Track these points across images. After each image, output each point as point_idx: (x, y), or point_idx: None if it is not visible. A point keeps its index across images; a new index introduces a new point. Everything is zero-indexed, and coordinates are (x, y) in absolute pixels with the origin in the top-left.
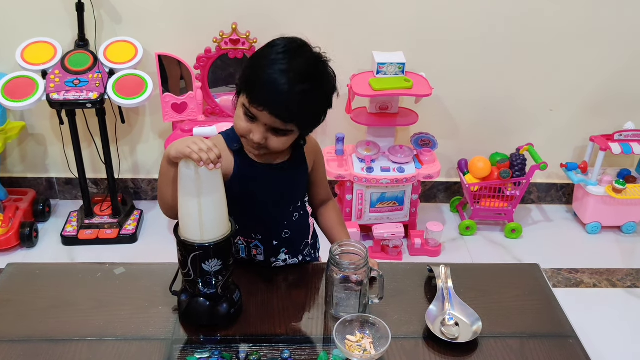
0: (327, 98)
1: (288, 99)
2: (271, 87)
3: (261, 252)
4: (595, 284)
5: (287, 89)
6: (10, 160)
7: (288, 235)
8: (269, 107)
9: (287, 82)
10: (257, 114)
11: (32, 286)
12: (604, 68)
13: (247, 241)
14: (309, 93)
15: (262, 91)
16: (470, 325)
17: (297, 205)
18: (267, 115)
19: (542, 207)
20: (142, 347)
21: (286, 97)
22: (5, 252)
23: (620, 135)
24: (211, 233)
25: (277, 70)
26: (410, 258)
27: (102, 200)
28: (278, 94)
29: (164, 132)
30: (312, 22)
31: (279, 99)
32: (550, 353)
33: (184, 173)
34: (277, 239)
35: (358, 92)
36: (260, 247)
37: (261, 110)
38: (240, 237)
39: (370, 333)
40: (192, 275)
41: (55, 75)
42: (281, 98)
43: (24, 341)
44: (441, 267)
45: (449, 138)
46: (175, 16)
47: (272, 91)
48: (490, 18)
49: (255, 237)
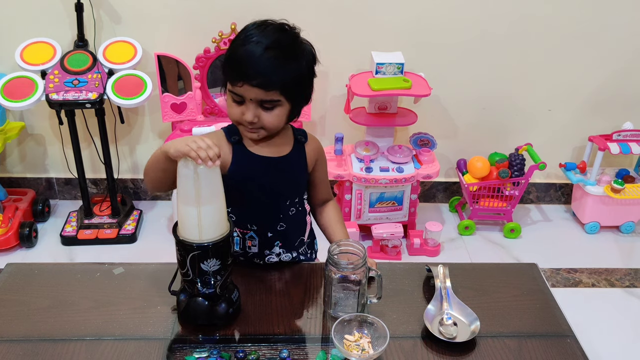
0: (305, 64)
1: (262, 65)
2: (244, 59)
3: (255, 244)
4: (594, 283)
5: (259, 56)
6: (10, 161)
7: (283, 229)
8: (246, 78)
9: (258, 50)
10: (240, 91)
11: (31, 286)
12: (602, 68)
13: (242, 232)
14: (282, 57)
15: (238, 66)
16: (468, 324)
17: (295, 201)
18: (249, 88)
19: (541, 206)
20: (140, 347)
21: (259, 64)
22: (5, 252)
23: (619, 135)
24: (210, 233)
25: (248, 44)
26: (409, 258)
27: (101, 200)
28: (252, 64)
29: (163, 132)
30: (311, 22)
31: (254, 68)
32: (548, 353)
33: (183, 173)
34: (271, 231)
35: (357, 92)
36: (255, 238)
37: (241, 85)
38: (236, 229)
39: (368, 332)
40: (190, 275)
41: (54, 75)
42: (256, 67)
43: (23, 341)
44: (439, 267)
45: (447, 138)
46: (175, 16)
47: (246, 62)
48: (489, 18)
49: (251, 227)
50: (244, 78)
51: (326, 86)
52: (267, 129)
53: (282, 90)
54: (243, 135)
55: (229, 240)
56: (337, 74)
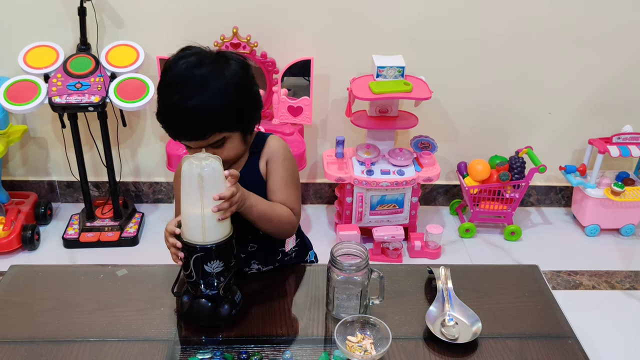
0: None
1: (189, 122)
2: (171, 121)
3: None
4: (595, 286)
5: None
6: (12, 164)
7: (255, 249)
8: (180, 137)
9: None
10: (183, 143)
11: (35, 288)
12: (602, 71)
13: None
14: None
15: (168, 128)
16: (470, 326)
17: None
18: (187, 142)
19: (541, 209)
20: (144, 348)
21: (186, 122)
22: (7, 255)
23: (619, 138)
24: (213, 235)
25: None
26: (410, 260)
27: (103, 203)
28: (179, 124)
29: (165, 136)
30: (313, 26)
31: (182, 127)
32: (550, 354)
33: (187, 174)
34: (243, 252)
35: (358, 95)
36: None
37: (183, 142)
38: None
39: (370, 334)
40: (194, 277)
41: (57, 78)
42: (184, 126)
43: (27, 342)
44: (441, 269)
45: (448, 141)
46: (177, 20)
47: (174, 124)
48: (489, 22)
49: None
50: (178, 138)
51: (327, 89)
52: (229, 161)
53: (219, 129)
54: None
55: (232, 242)
56: (338, 78)
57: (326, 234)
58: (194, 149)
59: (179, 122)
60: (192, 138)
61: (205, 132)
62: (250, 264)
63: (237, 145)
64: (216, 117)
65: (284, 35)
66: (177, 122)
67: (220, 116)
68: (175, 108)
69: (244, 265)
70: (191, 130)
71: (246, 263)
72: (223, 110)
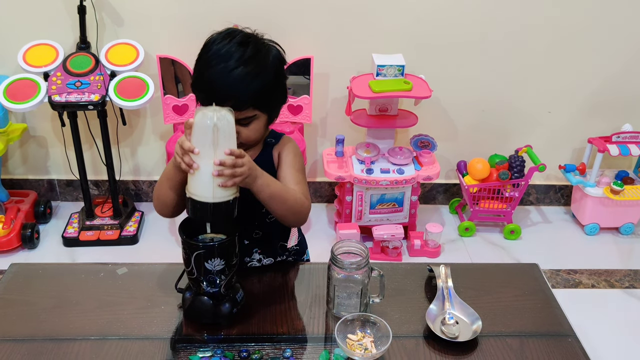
0: (273, 71)
1: (230, 87)
2: (212, 83)
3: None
4: (594, 284)
5: (225, 77)
6: (12, 162)
7: (259, 236)
8: (217, 101)
9: (224, 72)
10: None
11: (35, 286)
12: (602, 70)
13: None
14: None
15: (207, 90)
16: (470, 324)
17: None
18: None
19: (541, 208)
20: (145, 346)
21: (227, 85)
22: (7, 254)
23: (618, 137)
24: (222, 193)
25: (213, 67)
26: (410, 259)
27: (103, 201)
28: (220, 87)
29: (164, 134)
30: (312, 25)
31: (223, 90)
32: (550, 352)
33: (199, 125)
34: (247, 238)
35: (358, 94)
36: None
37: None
38: None
39: (371, 332)
40: (195, 274)
41: (57, 77)
42: (224, 89)
43: (28, 340)
44: (441, 267)
45: (448, 140)
46: (176, 19)
47: (214, 86)
48: (489, 21)
49: None
50: (215, 102)
51: (327, 88)
52: (247, 143)
53: (255, 105)
54: None
55: (234, 241)
56: (338, 76)
57: (326, 233)
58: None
59: (221, 90)
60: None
61: (243, 103)
62: (252, 253)
63: (260, 128)
64: (256, 92)
65: (284, 33)
66: (219, 89)
67: (260, 91)
68: (220, 75)
69: (246, 255)
70: (232, 96)
71: (248, 252)
72: (264, 87)
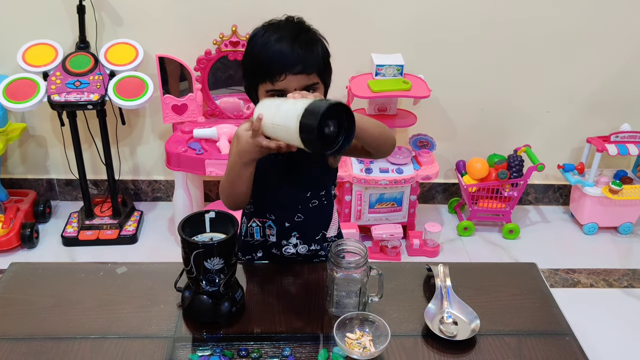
0: (323, 41)
1: (297, 53)
2: (279, 54)
3: (274, 233)
4: (592, 284)
5: (291, 46)
6: (11, 162)
7: (300, 220)
8: (288, 69)
9: (286, 43)
10: (283, 84)
11: (35, 285)
12: (600, 70)
13: (261, 221)
14: (309, 42)
15: (275, 62)
16: (469, 323)
17: (319, 194)
18: (292, 77)
19: (540, 208)
20: (144, 345)
21: (294, 52)
22: (6, 253)
23: (617, 136)
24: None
25: (275, 42)
26: (409, 258)
27: (102, 201)
28: (288, 55)
29: (164, 134)
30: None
31: (292, 57)
32: (548, 350)
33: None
34: (289, 221)
35: (357, 93)
36: (273, 227)
37: (283, 78)
38: (255, 219)
39: (369, 331)
40: (194, 273)
41: (56, 77)
42: (293, 56)
43: (28, 339)
44: (440, 266)
45: (447, 139)
46: (176, 18)
47: (282, 55)
48: (488, 20)
49: (269, 217)
50: (285, 70)
51: None
52: None
53: (319, 72)
54: None
55: (234, 240)
56: (337, 76)
57: None
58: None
59: (290, 52)
60: (300, 70)
61: (312, 66)
62: (290, 237)
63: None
64: (319, 55)
65: None
66: (288, 52)
67: (322, 58)
68: (284, 43)
69: (284, 238)
70: (301, 61)
71: (286, 235)
72: (323, 54)
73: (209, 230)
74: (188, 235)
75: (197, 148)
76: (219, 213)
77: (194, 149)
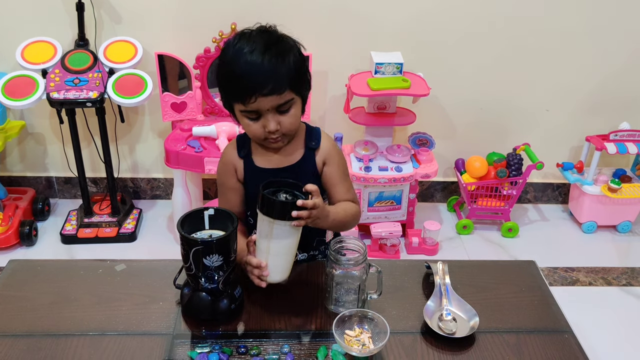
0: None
1: (267, 72)
2: (248, 73)
3: None
4: (591, 282)
5: (260, 64)
6: (10, 159)
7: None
8: (258, 90)
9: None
10: (255, 106)
11: (34, 282)
12: (600, 68)
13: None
14: (280, 56)
15: (245, 82)
16: (468, 320)
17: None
18: (263, 99)
19: (539, 206)
20: (143, 342)
21: (264, 71)
22: (5, 251)
23: (616, 135)
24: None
25: (244, 57)
26: (408, 257)
27: (101, 199)
28: (257, 74)
29: (163, 132)
30: (311, 23)
31: (261, 77)
32: (546, 348)
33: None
34: None
35: (356, 91)
36: None
37: (254, 100)
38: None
39: (368, 328)
40: (193, 270)
41: (55, 74)
42: (262, 75)
43: (26, 336)
44: (439, 264)
45: (446, 138)
46: (175, 16)
47: (251, 75)
48: (487, 19)
49: None
50: (255, 91)
51: (326, 86)
52: (289, 133)
53: (292, 87)
54: (253, 148)
55: (233, 237)
56: (337, 74)
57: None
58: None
59: (259, 74)
60: (271, 90)
61: (283, 83)
62: None
63: (298, 113)
64: (290, 70)
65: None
66: (257, 74)
67: (294, 70)
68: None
69: None
70: (272, 80)
71: None
72: (296, 64)
73: (208, 227)
74: (187, 232)
75: (196, 146)
76: (218, 210)
77: (193, 147)
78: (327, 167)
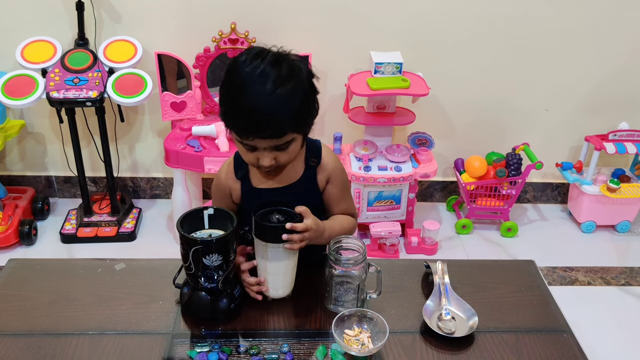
0: (308, 86)
1: (269, 116)
2: (249, 113)
3: None
4: (590, 282)
5: (263, 106)
6: (10, 159)
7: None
8: (257, 134)
9: (260, 99)
10: (252, 143)
11: (34, 281)
12: (599, 68)
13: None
14: (285, 97)
15: (244, 121)
16: (467, 320)
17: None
18: (260, 140)
19: (538, 206)
20: (142, 341)
21: (266, 114)
22: (5, 250)
23: (615, 135)
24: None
25: (248, 94)
26: (407, 256)
27: (101, 198)
28: (258, 117)
29: (162, 131)
30: (310, 22)
31: (262, 120)
32: (545, 347)
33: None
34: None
35: (356, 91)
36: None
37: (252, 139)
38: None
39: (368, 327)
40: (193, 269)
41: (55, 73)
42: (263, 119)
43: (26, 335)
44: (438, 263)
45: (445, 137)
46: (175, 16)
47: (252, 116)
48: (487, 19)
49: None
50: (253, 133)
51: (325, 86)
52: (285, 164)
53: (294, 129)
54: (250, 167)
55: (233, 237)
56: (336, 74)
57: None
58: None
59: (263, 116)
60: (269, 135)
61: (283, 130)
62: None
63: (297, 147)
64: (296, 114)
65: (282, 31)
66: (256, 120)
67: (299, 110)
68: (259, 99)
69: None
70: (272, 126)
71: None
72: (301, 108)
73: (208, 226)
74: (187, 231)
75: (195, 145)
76: (218, 210)
77: (193, 147)
78: (330, 186)
